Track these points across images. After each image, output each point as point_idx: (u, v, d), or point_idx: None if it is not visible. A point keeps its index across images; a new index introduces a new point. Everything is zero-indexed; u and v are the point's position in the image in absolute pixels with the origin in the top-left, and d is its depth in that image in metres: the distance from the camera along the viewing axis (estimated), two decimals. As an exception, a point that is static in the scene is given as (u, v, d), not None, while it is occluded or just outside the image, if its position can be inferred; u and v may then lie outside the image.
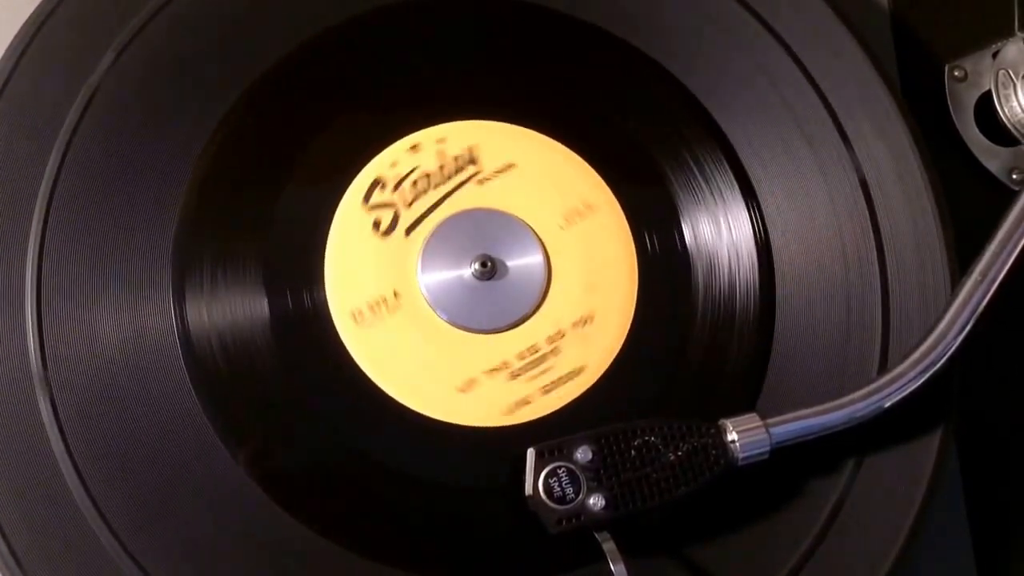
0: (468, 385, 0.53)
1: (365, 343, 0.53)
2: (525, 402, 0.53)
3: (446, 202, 0.55)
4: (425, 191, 0.55)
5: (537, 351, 0.54)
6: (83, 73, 0.54)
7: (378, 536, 0.51)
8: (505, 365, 0.54)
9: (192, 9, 0.56)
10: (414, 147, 0.56)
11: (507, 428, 0.53)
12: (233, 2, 0.57)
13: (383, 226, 0.55)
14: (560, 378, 0.54)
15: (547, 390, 0.54)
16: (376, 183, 0.55)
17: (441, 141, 0.56)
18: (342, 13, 0.57)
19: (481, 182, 0.56)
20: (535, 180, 0.56)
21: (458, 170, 0.56)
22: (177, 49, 0.55)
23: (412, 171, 0.55)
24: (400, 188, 0.55)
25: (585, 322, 0.55)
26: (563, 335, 0.55)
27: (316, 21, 0.57)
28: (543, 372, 0.54)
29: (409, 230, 0.55)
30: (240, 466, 0.51)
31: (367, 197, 0.55)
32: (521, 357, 0.54)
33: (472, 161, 0.56)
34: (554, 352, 0.54)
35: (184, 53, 0.55)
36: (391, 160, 0.56)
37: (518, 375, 0.54)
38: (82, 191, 0.53)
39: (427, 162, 0.56)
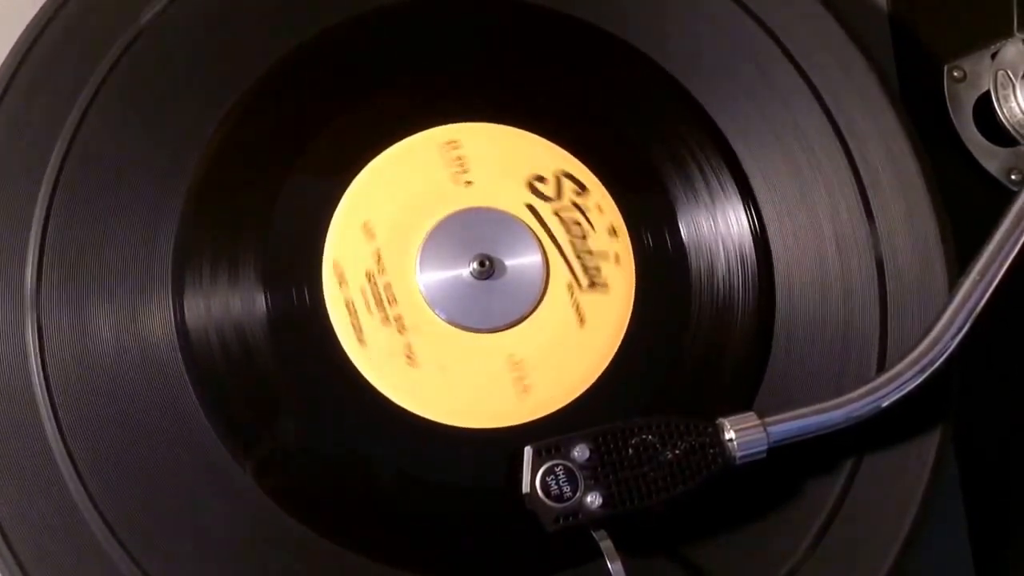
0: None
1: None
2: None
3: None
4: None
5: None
6: (84, 73, 0.54)
7: (377, 536, 0.51)
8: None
9: (193, 9, 0.56)
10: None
11: (506, 428, 0.53)
12: (233, 2, 0.57)
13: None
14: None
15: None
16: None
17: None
18: (342, 13, 0.57)
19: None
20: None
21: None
22: (178, 49, 0.55)
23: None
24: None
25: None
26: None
27: (316, 21, 0.57)
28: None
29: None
30: (239, 465, 0.51)
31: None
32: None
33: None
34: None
35: (184, 53, 0.55)
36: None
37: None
38: (82, 190, 0.53)
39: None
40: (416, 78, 0.57)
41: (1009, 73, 0.67)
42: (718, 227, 0.57)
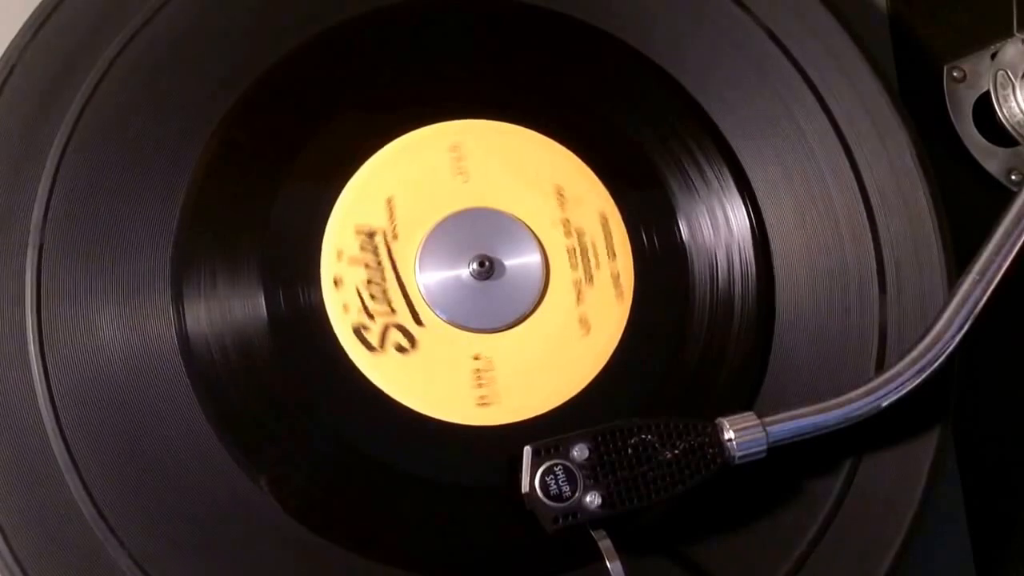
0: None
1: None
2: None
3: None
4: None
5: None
6: (81, 73, 0.54)
7: (378, 535, 0.51)
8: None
9: (191, 9, 0.56)
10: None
11: (505, 427, 0.53)
12: (231, 2, 0.57)
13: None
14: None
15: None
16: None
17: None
18: (341, 14, 0.57)
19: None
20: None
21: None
22: (175, 50, 0.55)
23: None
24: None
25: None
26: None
27: (315, 22, 0.57)
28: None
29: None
30: (239, 466, 0.51)
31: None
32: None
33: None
34: (553, 351, 0.54)
35: (182, 54, 0.55)
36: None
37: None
38: (81, 192, 0.53)
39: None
40: (414, 79, 0.57)
41: (1009, 73, 0.67)
42: (718, 227, 0.57)
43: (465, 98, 0.57)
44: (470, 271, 0.54)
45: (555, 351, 0.54)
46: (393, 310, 0.54)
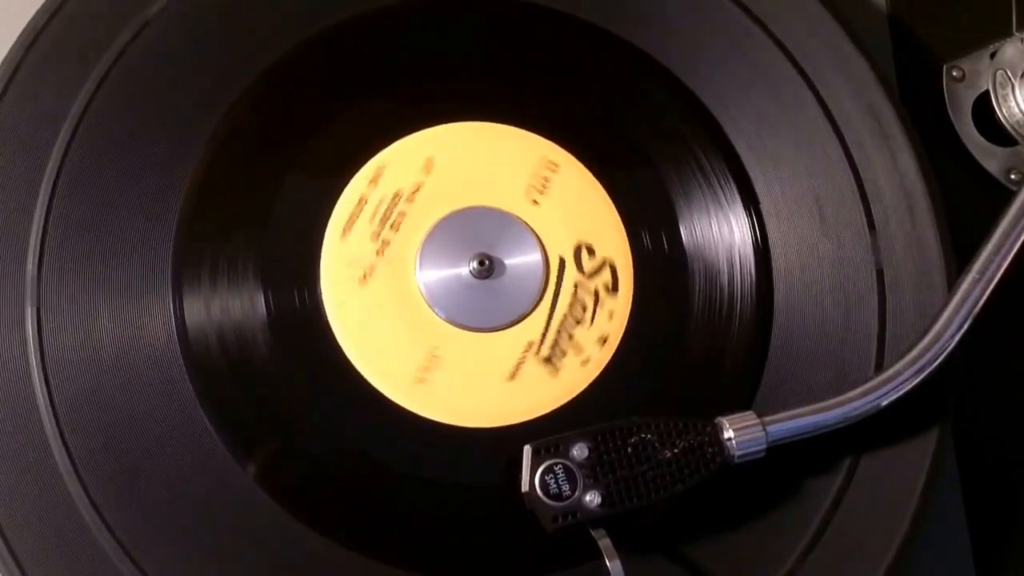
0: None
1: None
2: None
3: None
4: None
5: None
6: (84, 71, 0.54)
7: (377, 535, 0.51)
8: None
9: (192, 7, 0.56)
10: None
11: (505, 427, 0.53)
12: (232, 1, 0.57)
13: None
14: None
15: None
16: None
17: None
18: (342, 12, 0.57)
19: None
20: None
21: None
22: (177, 48, 0.55)
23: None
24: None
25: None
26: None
27: (315, 20, 0.57)
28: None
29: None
30: (238, 464, 0.51)
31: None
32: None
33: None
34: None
35: (184, 52, 0.55)
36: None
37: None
38: (82, 188, 0.53)
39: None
40: (415, 78, 0.57)
41: (1008, 73, 0.67)
42: (718, 227, 0.57)
43: (465, 99, 0.57)
44: (470, 270, 0.54)
45: (555, 350, 0.55)
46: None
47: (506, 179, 0.56)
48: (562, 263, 0.55)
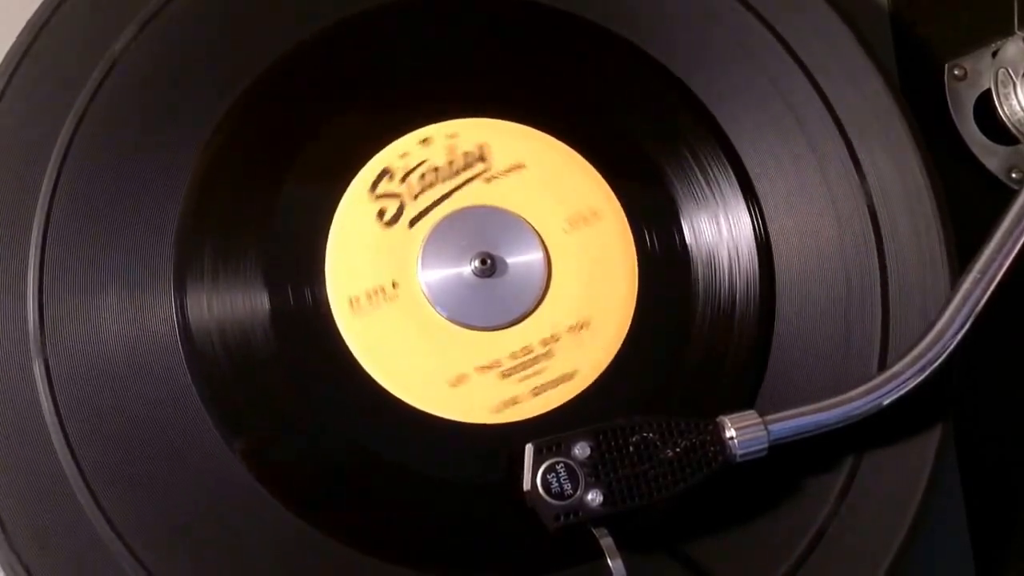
0: (465, 381, 0.53)
1: (363, 337, 0.53)
2: (522, 399, 0.53)
3: (452, 197, 0.55)
4: (432, 184, 0.55)
5: (534, 350, 0.54)
6: (88, 68, 0.54)
7: (373, 530, 0.51)
8: (501, 363, 0.54)
9: (193, 8, 0.56)
10: (425, 140, 0.56)
11: (506, 425, 0.53)
12: (233, 1, 0.57)
13: (387, 216, 0.55)
14: (560, 375, 0.54)
15: (545, 387, 0.54)
16: (384, 173, 0.55)
17: (452, 136, 0.56)
18: (354, 6, 0.57)
19: (489, 180, 0.56)
20: (542, 181, 0.56)
21: (467, 166, 0.56)
22: (180, 44, 0.55)
23: (421, 164, 0.56)
24: (408, 180, 0.55)
25: (584, 319, 0.55)
26: (562, 333, 0.55)
27: (323, 15, 0.57)
28: (540, 371, 0.54)
29: (413, 222, 0.55)
30: (238, 459, 0.51)
31: (374, 186, 0.55)
32: (521, 354, 0.54)
33: (481, 159, 0.56)
34: (555, 349, 0.54)
35: (187, 48, 0.55)
36: (401, 151, 0.56)
37: (511, 373, 0.54)
38: (85, 185, 0.53)
39: (437, 156, 0.56)
40: (421, 75, 0.57)
41: (1010, 71, 0.67)
42: (721, 227, 0.57)
43: (467, 97, 0.57)
44: (472, 269, 0.54)
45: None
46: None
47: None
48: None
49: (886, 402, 0.52)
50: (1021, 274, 0.54)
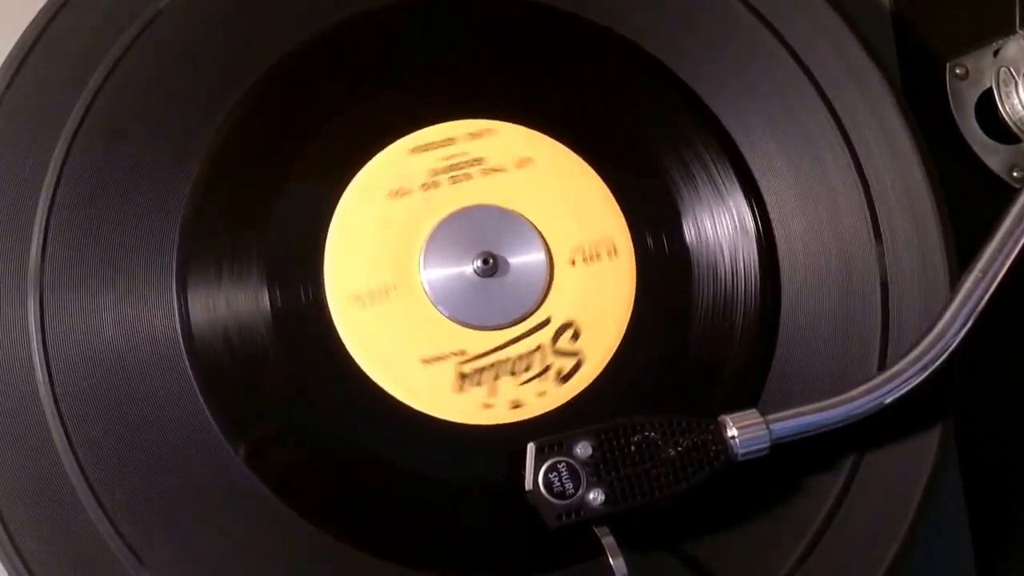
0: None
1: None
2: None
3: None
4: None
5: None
6: (89, 69, 0.54)
7: (373, 529, 0.51)
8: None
9: (195, 7, 0.56)
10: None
11: (508, 425, 0.53)
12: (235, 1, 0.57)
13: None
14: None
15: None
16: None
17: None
18: (344, 12, 0.57)
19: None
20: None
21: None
22: (182, 44, 0.55)
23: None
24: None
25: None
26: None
27: (322, 17, 0.57)
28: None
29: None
30: (239, 458, 0.51)
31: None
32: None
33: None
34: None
35: (189, 48, 0.55)
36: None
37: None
38: (86, 184, 0.53)
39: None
40: (420, 77, 0.57)
41: (1011, 70, 0.67)
42: (722, 226, 0.57)
43: (469, 97, 0.57)
44: (474, 268, 0.54)
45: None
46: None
47: (568, 227, 0.56)
48: (547, 322, 0.55)
49: (887, 401, 0.52)
50: (1021, 274, 0.54)
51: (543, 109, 0.57)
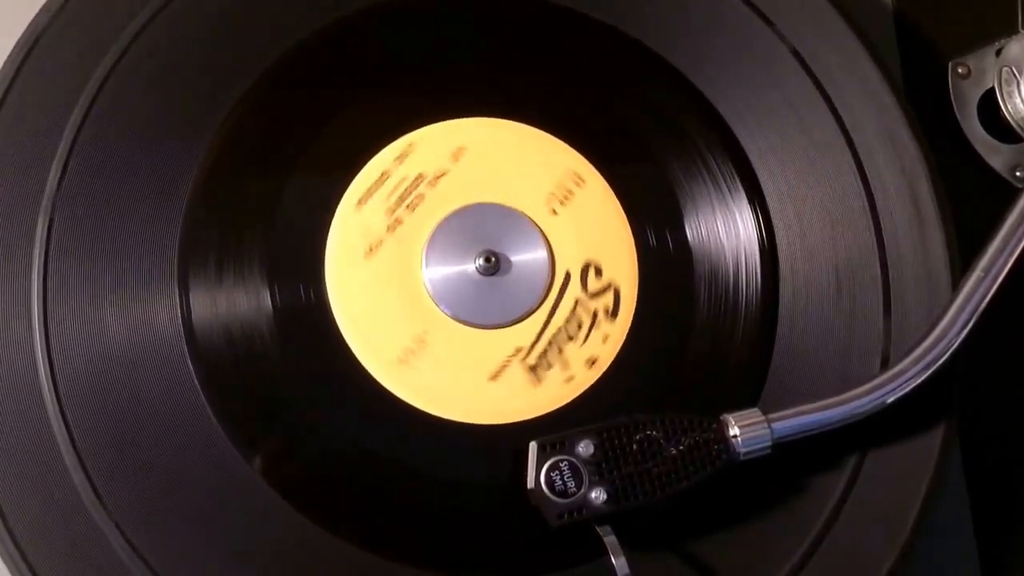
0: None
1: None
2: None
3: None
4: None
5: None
6: (89, 68, 0.54)
7: (374, 527, 0.52)
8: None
9: (197, 5, 0.56)
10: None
11: (509, 424, 0.53)
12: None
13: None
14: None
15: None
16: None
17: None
18: (346, 9, 0.57)
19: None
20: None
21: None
22: (183, 43, 0.55)
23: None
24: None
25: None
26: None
27: (320, 16, 0.57)
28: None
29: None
30: (241, 457, 0.51)
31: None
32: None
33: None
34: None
35: (190, 47, 0.55)
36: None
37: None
38: (88, 185, 0.53)
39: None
40: (419, 74, 0.57)
41: (1014, 70, 0.67)
42: (724, 226, 0.57)
43: (471, 96, 0.57)
44: (476, 267, 0.54)
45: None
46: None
47: (530, 183, 0.56)
48: (567, 277, 0.55)
49: (890, 400, 0.52)
50: (1019, 274, 0.54)
51: (544, 107, 0.57)
